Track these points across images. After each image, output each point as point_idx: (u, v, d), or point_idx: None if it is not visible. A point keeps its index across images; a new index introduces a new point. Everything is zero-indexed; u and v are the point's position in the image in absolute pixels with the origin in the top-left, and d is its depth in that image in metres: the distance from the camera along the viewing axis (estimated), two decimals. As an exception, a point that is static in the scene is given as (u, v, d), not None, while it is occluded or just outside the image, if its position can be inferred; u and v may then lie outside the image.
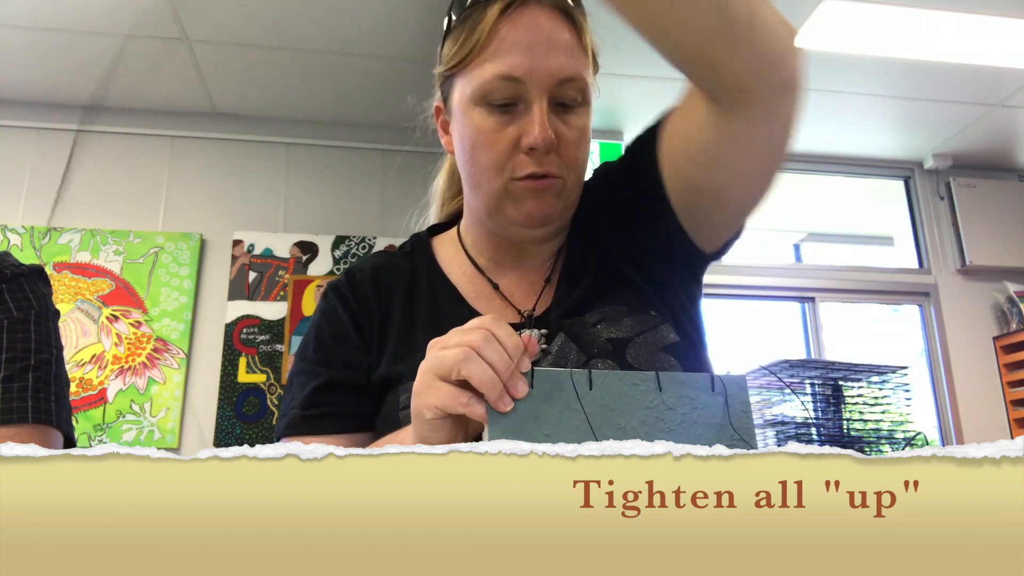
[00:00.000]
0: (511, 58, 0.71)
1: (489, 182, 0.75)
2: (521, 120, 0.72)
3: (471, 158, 0.75)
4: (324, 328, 0.82)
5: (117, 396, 2.83)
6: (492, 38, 0.72)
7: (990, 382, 3.40)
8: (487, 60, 0.72)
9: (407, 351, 0.77)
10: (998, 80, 2.95)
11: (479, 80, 0.72)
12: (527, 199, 0.74)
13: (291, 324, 3.01)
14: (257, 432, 2.87)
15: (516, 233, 0.80)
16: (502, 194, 0.75)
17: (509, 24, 0.71)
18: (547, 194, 0.74)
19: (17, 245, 2.94)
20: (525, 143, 0.71)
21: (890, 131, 3.40)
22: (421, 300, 0.82)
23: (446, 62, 0.77)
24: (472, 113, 0.74)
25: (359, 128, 3.33)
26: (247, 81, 3.01)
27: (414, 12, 2.60)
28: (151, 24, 2.64)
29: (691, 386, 0.55)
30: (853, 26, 2.61)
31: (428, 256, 0.87)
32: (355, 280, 0.84)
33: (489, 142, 0.73)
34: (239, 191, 3.19)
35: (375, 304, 0.82)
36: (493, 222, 0.79)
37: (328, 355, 0.80)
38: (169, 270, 3.00)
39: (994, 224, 3.56)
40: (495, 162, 0.73)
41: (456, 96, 0.77)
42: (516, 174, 0.73)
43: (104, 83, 2.94)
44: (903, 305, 3.67)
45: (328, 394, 0.77)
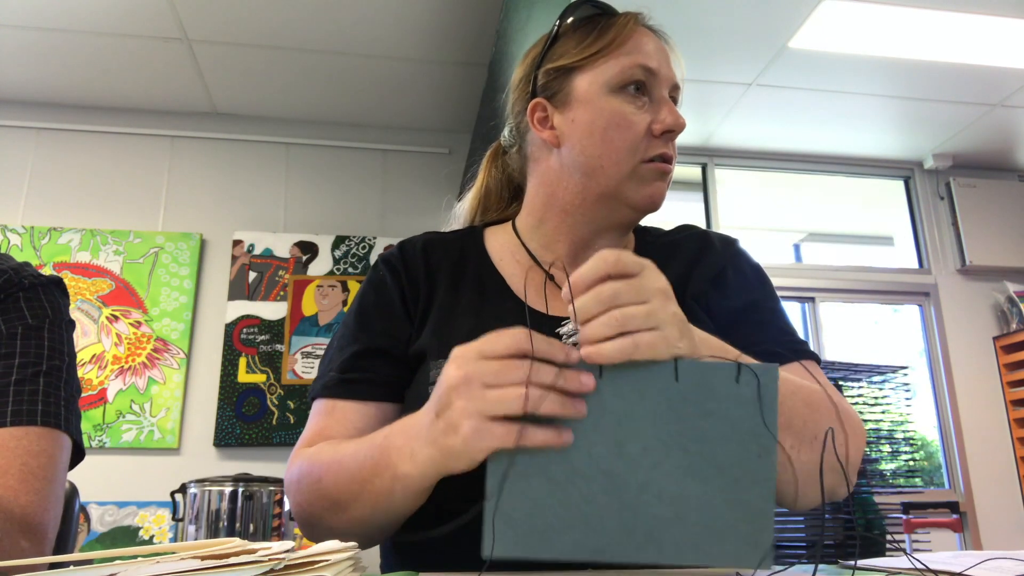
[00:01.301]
0: (645, 56, 0.83)
1: (619, 163, 0.81)
2: (651, 107, 0.82)
3: (603, 140, 0.81)
4: (369, 296, 0.86)
5: (117, 396, 2.84)
6: (628, 37, 0.83)
7: (990, 382, 3.41)
8: (624, 54, 0.82)
9: (444, 328, 0.81)
10: (998, 80, 2.95)
11: (618, 68, 0.82)
12: (652, 181, 0.82)
13: (291, 324, 3.01)
14: (257, 432, 2.87)
15: (625, 217, 0.85)
16: (628, 176, 0.81)
17: (640, 30, 0.85)
18: (666, 179, 0.83)
19: (17, 245, 2.94)
20: (660, 127, 0.81)
21: (890, 131, 3.40)
22: (466, 282, 0.86)
23: (569, 57, 0.85)
24: (609, 99, 0.82)
25: (359, 128, 3.33)
26: (247, 81, 3.01)
27: (414, 12, 2.60)
28: (151, 24, 2.64)
29: (712, 375, 0.53)
30: (853, 26, 2.61)
31: (479, 243, 0.91)
32: (407, 252, 0.88)
33: (627, 124, 0.81)
34: (239, 191, 3.19)
35: (423, 277, 0.86)
36: (600, 209, 0.84)
37: (370, 323, 0.83)
38: (169, 270, 3.00)
39: (994, 224, 3.57)
40: (631, 143, 0.81)
41: (582, 87, 0.84)
42: (648, 155, 0.81)
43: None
44: (903, 305, 3.67)
45: (365, 360, 0.81)
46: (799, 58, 2.81)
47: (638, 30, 0.85)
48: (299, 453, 0.76)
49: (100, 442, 2.78)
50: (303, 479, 0.72)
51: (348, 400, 0.79)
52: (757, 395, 0.53)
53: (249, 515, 2.27)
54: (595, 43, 0.83)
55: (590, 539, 0.51)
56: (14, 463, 0.72)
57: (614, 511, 0.52)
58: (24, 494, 0.71)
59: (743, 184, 3.63)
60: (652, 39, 0.85)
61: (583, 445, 0.52)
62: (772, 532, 0.52)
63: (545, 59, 0.87)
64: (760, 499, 0.52)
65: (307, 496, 0.72)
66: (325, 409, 0.79)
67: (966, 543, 3.12)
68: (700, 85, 2.99)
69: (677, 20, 2.54)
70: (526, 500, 0.52)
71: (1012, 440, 3.33)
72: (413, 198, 3.28)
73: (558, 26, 0.88)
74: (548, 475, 0.52)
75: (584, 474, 0.52)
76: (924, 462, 3.31)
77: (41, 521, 0.73)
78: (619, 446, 0.52)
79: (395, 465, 0.62)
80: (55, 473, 0.76)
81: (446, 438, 0.56)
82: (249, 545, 0.45)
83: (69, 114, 3.13)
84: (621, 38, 0.83)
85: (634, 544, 0.52)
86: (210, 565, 0.42)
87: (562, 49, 0.86)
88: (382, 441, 0.65)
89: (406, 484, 0.62)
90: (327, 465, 0.70)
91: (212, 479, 2.30)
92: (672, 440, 0.53)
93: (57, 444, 0.77)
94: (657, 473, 0.52)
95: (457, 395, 0.55)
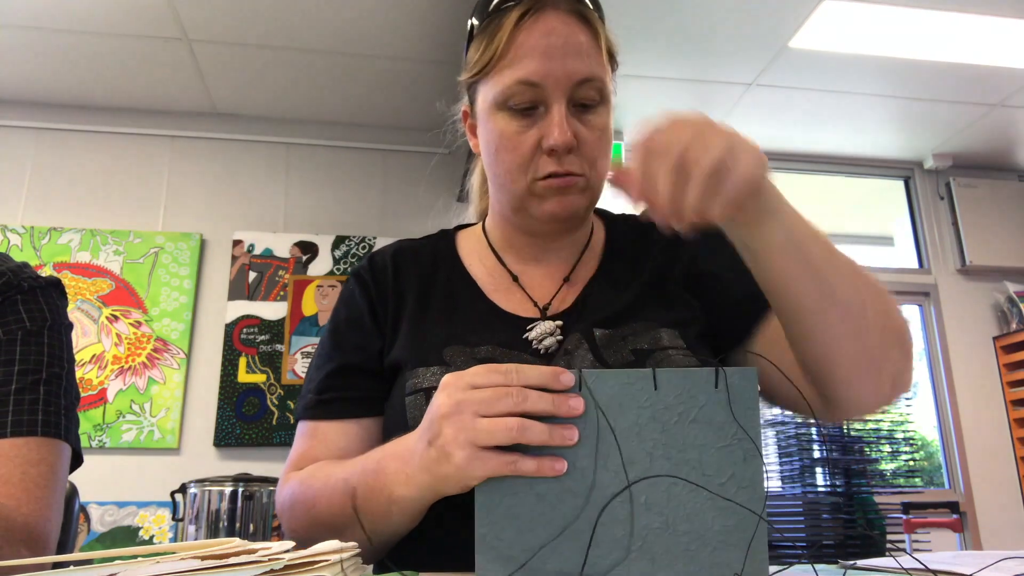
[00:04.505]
0: (528, 64, 0.74)
1: (513, 183, 0.78)
2: (542, 123, 0.76)
3: (495, 160, 0.79)
4: (341, 313, 0.86)
5: (117, 396, 2.83)
6: (510, 46, 0.75)
7: (990, 382, 3.40)
8: (506, 67, 0.76)
9: (417, 336, 0.80)
10: (998, 80, 2.95)
11: (500, 86, 0.76)
12: (550, 198, 0.77)
13: (291, 324, 3.01)
14: (257, 432, 2.87)
15: (541, 229, 0.83)
16: (526, 194, 0.78)
17: (525, 31, 0.75)
18: (570, 192, 0.77)
19: (17, 245, 2.94)
20: (546, 144, 0.75)
21: (890, 131, 3.40)
22: (437, 288, 0.85)
23: (470, 69, 0.81)
24: (495, 118, 0.78)
25: (359, 128, 3.33)
26: (247, 81, 3.01)
27: (414, 12, 2.60)
28: (151, 24, 2.64)
29: (692, 382, 0.53)
30: (853, 26, 2.61)
31: (450, 247, 0.91)
32: (376, 264, 0.88)
33: (512, 145, 0.77)
34: (239, 191, 3.19)
35: (392, 287, 0.85)
36: (519, 219, 0.83)
37: (342, 340, 0.83)
38: (169, 270, 3.00)
39: (994, 224, 3.56)
40: (518, 164, 0.77)
41: (480, 101, 0.81)
42: (539, 174, 0.76)
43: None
44: (903, 305, 3.67)
45: (340, 378, 0.81)
46: (799, 58, 2.81)
47: (523, 30, 0.75)
48: (289, 477, 0.77)
49: (100, 442, 2.78)
50: (296, 506, 0.73)
51: (328, 420, 0.79)
52: (736, 398, 0.53)
53: (249, 515, 2.27)
54: (485, 52, 0.78)
55: (581, 554, 0.51)
56: (15, 473, 0.73)
57: (604, 524, 0.52)
58: (25, 503, 0.72)
59: (743, 184, 3.61)
60: (542, 33, 0.74)
61: (569, 460, 0.52)
62: (766, 537, 0.52)
63: (463, 66, 0.84)
64: (749, 503, 0.52)
65: (301, 522, 0.72)
66: (308, 431, 0.80)
67: (966, 543, 3.12)
68: (700, 85, 2.99)
69: (677, 20, 2.54)
70: (515, 518, 0.52)
71: (1012, 440, 3.33)
72: (413, 198, 3.28)
73: (469, 28, 0.84)
74: (536, 492, 0.52)
75: (571, 489, 0.52)
76: (924, 462, 3.31)
77: (42, 530, 0.73)
78: (604, 459, 0.52)
79: (391, 489, 0.62)
80: (55, 482, 0.76)
81: (439, 466, 0.56)
82: (249, 545, 0.45)
83: (69, 114, 3.13)
84: (503, 47, 0.75)
85: (626, 556, 0.51)
86: (210, 565, 0.42)
87: (468, 57, 0.82)
88: (375, 466, 0.65)
89: (403, 507, 0.62)
90: (319, 491, 0.70)
91: (212, 479, 2.30)
92: (656, 449, 0.52)
93: (57, 453, 0.78)
94: (644, 483, 0.52)
95: (448, 424, 0.55)
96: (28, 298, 0.83)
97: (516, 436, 0.52)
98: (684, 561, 0.51)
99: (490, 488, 0.53)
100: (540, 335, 0.79)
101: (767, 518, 0.52)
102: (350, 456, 0.73)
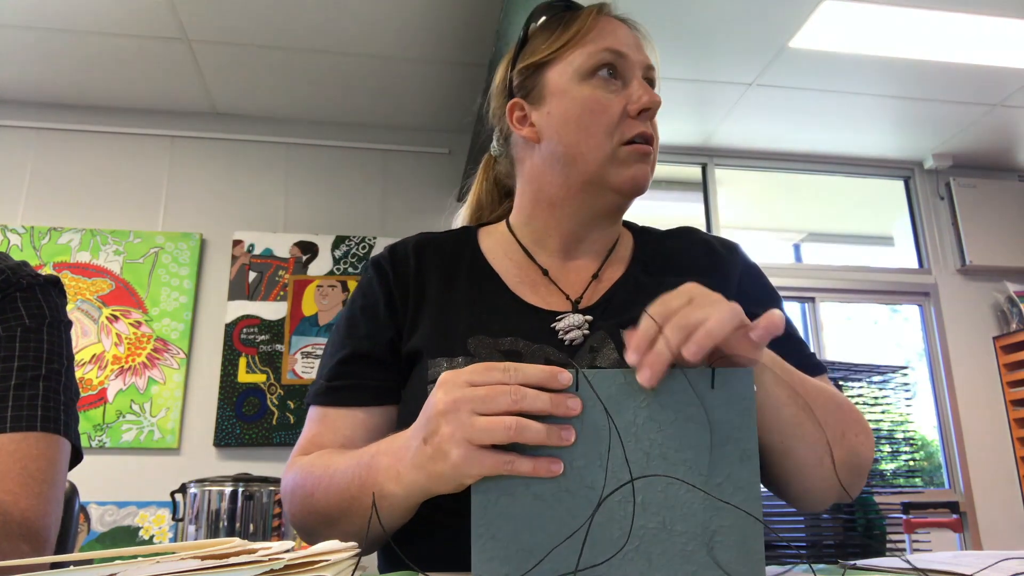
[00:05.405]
0: (612, 38, 0.84)
1: (598, 148, 0.81)
2: (624, 92, 0.83)
3: (579, 127, 0.82)
4: (357, 300, 0.86)
5: (117, 396, 2.84)
6: (594, 26, 0.85)
7: (990, 382, 3.41)
8: (591, 41, 0.84)
9: (439, 325, 0.81)
10: (998, 80, 2.95)
11: (585, 55, 0.83)
12: (633, 163, 0.82)
13: (291, 324, 3.01)
14: (257, 432, 2.87)
15: (607, 204, 0.85)
16: (609, 160, 0.81)
17: (605, 19, 0.86)
18: (647, 160, 0.83)
19: (17, 245, 2.94)
20: (635, 107, 0.81)
21: (890, 131, 3.40)
22: (460, 280, 0.86)
23: (539, 53, 0.86)
24: (580, 87, 0.83)
25: (359, 128, 3.33)
26: (247, 81, 3.01)
27: (414, 12, 2.60)
28: (151, 24, 2.64)
29: (689, 382, 0.53)
30: (853, 26, 2.62)
31: (472, 242, 0.91)
32: (397, 254, 0.88)
33: (601, 108, 0.81)
34: (239, 191, 3.19)
35: (413, 277, 0.85)
36: (590, 194, 0.84)
37: (357, 328, 0.84)
38: (169, 270, 3.00)
39: (994, 224, 3.57)
40: (607, 126, 0.81)
41: (554, 79, 0.85)
42: (626, 137, 0.81)
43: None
44: (903, 305, 3.67)
45: (351, 366, 0.81)
46: (799, 58, 2.81)
47: (603, 19, 0.86)
48: (295, 461, 0.78)
49: (100, 442, 2.78)
50: (296, 491, 0.74)
51: (337, 407, 0.80)
52: (733, 398, 0.53)
53: (249, 515, 2.27)
54: (562, 36, 0.85)
55: (578, 554, 0.51)
56: (14, 468, 0.73)
57: (600, 524, 0.51)
58: (24, 498, 0.71)
59: (743, 184, 3.63)
60: (619, 26, 0.86)
61: (566, 459, 0.52)
62: (762, 537, 0.52)
63: (518, 60, 0.89)
64: (745, 504, 0.52)
65: (300, 509, 0.74)
66: (317, 416, 0.81)
67: (966, 543, 3.12)
68: (700, 85, 2.99)
69: (678, 20, 2.54)
70: (512, 518, 0.52)
71: (1012, 440, 3.33)
72: (413, 198, 3.28)
73: (527, 28, 0.90)
74: (533, 492, 0.52)
75: (568, 489, 0.52)
76: (924, 462, 3.31)
77: (42, 525, 0.73)
78: (601, 458, 0.52)
79: (380, 484, 0.62)
80: (55, 477, 0.76)
81: (434, 464, 0.56)
82: (249, 545, 0.45)
83: (69, 114, 3.13)
84: (586, 27, 0.84)
85: (623, 556, 0.51)
86: (210, 565, 0.42)
87: (532, 47, 0.88)
88: (369, 460, 0.65)
89: (391, 503, 0.62)
90: (318, 480, 0.71)
91: (212, 479, 2.30)
92: (653, 449, 0.52)
93: (56, 448, 0.77)
94: (640, 483, 0.52)
95: (445, 421, 0.55)
96: (27, 295, 0.83)
97: (513, 435, 0.52)
98: (680, 561, 0.51)
99: (486, 488, 0.53)
100: (568, 327, 0.80)
101: (763, 519, 0.51)
102: (356, 444, 0.74)
